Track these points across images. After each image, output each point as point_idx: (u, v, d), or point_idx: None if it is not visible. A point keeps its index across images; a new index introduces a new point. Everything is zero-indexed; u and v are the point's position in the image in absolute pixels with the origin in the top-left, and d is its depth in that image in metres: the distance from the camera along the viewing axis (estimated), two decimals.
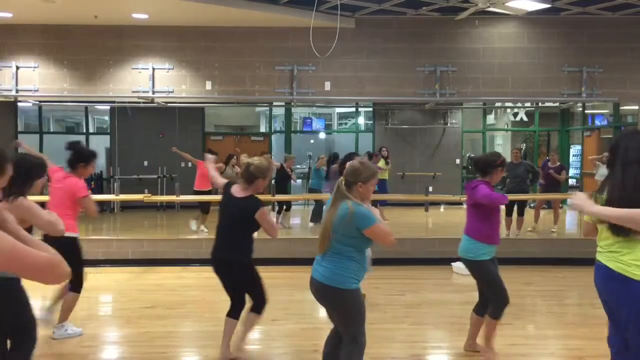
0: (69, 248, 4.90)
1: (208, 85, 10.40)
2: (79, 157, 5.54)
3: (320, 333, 4.83)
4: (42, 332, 5.97)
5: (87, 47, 10.30)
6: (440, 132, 16.69)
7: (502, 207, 10.77)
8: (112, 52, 10.32)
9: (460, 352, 5.34)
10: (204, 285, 7.82)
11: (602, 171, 10.72)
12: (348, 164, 3.99)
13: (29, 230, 3.68)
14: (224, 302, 4.94)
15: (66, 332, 5.61)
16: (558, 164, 11.69)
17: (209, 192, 10.90)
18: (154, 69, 10.32)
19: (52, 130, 18.00)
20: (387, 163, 13.51)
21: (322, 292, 3.82)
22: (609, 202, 3.22)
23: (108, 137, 15.53)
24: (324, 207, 4.37)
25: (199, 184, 11.28)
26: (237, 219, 4.72)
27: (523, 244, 9.91)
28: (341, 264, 3.76)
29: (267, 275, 5.14)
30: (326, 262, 3.78)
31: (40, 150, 15.67)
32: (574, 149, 16.76)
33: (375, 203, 4.87)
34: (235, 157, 11.88)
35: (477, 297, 5.13)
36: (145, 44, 10.42)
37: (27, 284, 3.22)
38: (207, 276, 8.38)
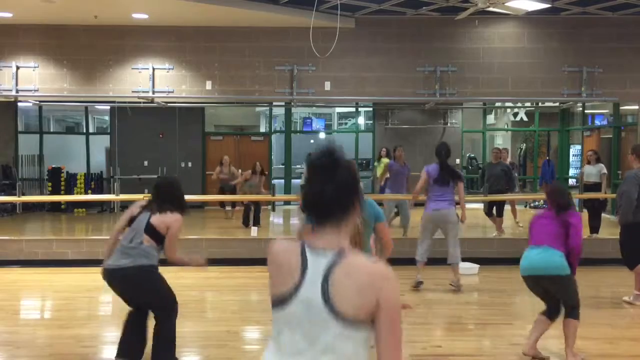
0: None
1: (208, 85, 10.39)
2: None
3: None
4: (42, 332, 5.99)
5: (87, 47, 10.29)
6: (440, 132, 16.68)
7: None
8: (112, 52, 10.32)
9: (460, 352, 5.33)
10: (204, 285, 7.81)
11: (588, 170, 10.58)
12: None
13: None
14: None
15: None
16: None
17: None
18: (154, 69, 10.31)
19: (52, 130, 18.01)
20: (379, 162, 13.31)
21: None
22: None
23: (108, 137, 15.53)
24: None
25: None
26: None
27: (522, 244, 9.85)
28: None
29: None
30: None
31: (41, 150, 15.71)
32: (574, 149, 16.76)
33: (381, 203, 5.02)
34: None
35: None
36: (145, 44, 10.41)
37: None
38: (207, 276, 8.42)
